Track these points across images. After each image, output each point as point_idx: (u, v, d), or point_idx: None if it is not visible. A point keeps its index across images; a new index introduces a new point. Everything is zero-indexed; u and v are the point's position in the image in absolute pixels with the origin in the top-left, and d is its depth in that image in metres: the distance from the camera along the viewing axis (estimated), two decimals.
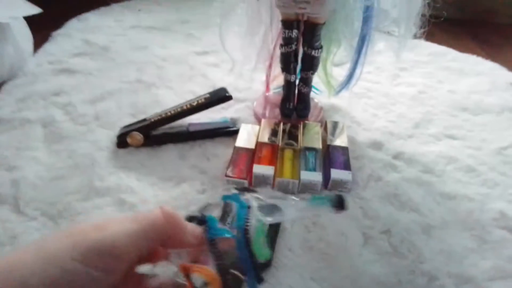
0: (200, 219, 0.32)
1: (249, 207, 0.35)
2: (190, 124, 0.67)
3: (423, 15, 0.59)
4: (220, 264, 0.29)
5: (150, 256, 0.29)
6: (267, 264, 0.46)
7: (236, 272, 0.30)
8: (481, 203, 0.55)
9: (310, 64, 0.64)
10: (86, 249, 0.24)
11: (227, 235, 0.31)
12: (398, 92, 0.80)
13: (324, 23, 0.59)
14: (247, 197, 0.36)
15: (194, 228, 0.30)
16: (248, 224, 0.33)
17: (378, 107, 0.76)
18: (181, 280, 0.28)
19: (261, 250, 0.34)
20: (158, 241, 0.28)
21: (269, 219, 0.35)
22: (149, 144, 0.64)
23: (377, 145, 0.66)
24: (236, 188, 0.45)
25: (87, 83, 0.81)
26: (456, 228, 0.52)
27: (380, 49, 0.64)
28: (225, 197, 0.37)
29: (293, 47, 0.62)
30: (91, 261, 0.24)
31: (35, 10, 0.84)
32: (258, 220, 0.35)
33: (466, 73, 0.87)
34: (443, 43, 0.98)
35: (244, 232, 0.33)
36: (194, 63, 0.89)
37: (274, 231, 0.49)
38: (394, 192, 0.57)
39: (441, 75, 0.86)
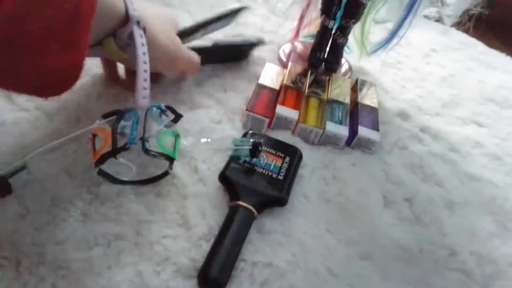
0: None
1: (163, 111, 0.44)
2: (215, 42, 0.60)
3: None
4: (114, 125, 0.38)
5: None
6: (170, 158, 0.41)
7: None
8: (505, 191, 0.53)
9: (355, 11, 0.58)
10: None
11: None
12: (427, 71, 0.76)
13: None
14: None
15: None
16: (147, 112, 0.41)
17: (407, 80, 0.72)
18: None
19: (162, 143, 0.40)
20: None
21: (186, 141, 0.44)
22: None
23: (404, 115, 0.62)
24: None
25: None
26: (479, 210, 0.49)
27: (428, 14, 0.60)
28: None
29: None
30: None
31: None
32: (173, 130, 0.44)
33: (494, 67, 0.84)
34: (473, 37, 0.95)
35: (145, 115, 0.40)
36: None
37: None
38: (419, 163, 0.53)
39: (471, 64, 0.83)
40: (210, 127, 0.49)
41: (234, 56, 0.63)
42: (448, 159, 0.55)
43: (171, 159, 0.40)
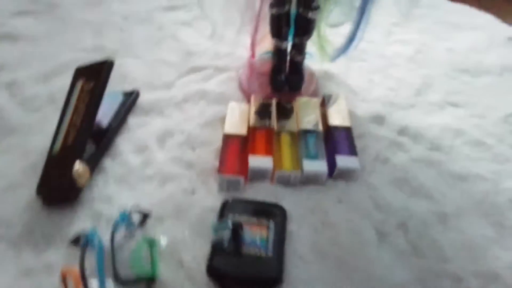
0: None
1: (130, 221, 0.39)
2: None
3: None
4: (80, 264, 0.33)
5: None
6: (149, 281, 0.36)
7: None
8: (494, 182, 0.49)
9: (306, 28, 0.51)
10: None
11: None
12: (393, 52, 0.70)
13: None
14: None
15: None
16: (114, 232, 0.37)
17: (374, 71, 0.65)
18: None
19: (138, 263, 0.36)
20: None
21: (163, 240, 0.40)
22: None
23: (379, 119, 0.56)
24: None
25: (35, 53, 0.64)
26: (472, 215, 0.46)
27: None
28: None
29: (286, 7, 0.49)
30: None
31: None
32: (144, 236, 0.38)
33: (462, 27, 0.77)
34: None
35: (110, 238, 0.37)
36: (161, 21, 0.72)
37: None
38: (404, 176, 0.49)
39: (437, 30, 0.76)
40: (186, 203, 0.44)
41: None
42: (432, 162, 0.51)
43: (151, 280, 0.35)
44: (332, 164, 0.48)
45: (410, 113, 0.58)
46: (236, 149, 0.48)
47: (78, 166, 0.43)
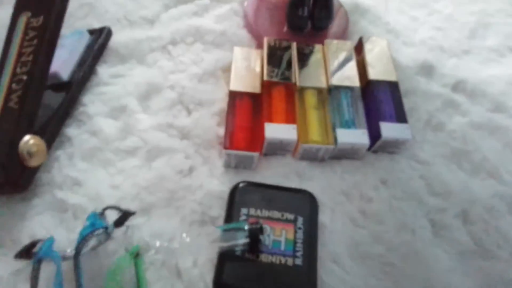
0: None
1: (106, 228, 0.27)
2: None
3: None
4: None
5: None
6: None
7: None
8: None
9: None
10: None
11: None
12: None
13: None
14: None
15: None
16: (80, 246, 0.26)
17: (417, 5, 0.51)
18: None
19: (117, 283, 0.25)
20: None
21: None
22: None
23: (427, 70, 0.44)
24: None
25: None
26: None
27: None
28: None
29: None
30: None
31: None
32: (127, 249, 0.27)
33: None
34: None
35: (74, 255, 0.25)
36: None
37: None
38: (463, 149, 0.38)
39: None
40: (181, 186, 0.33)
41: None
42: (495, 127, 0.40)
43: None
44: (374, 134, 0.36)
45: (465, 62, 0.46)
46: (246, 113, 0.36)
47: (29, 140, 0.31)
